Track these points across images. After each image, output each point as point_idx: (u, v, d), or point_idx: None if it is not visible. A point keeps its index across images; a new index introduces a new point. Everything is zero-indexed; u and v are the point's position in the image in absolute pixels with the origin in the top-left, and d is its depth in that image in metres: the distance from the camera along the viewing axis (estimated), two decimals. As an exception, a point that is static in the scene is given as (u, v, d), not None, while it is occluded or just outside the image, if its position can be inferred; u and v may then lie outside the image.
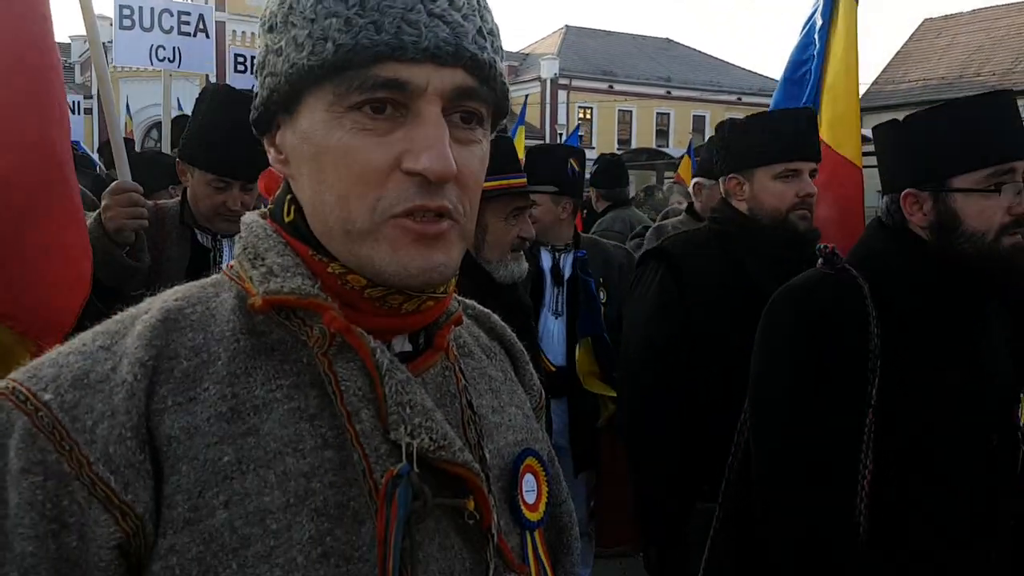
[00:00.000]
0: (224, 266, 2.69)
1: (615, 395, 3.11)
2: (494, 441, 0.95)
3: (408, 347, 0.90)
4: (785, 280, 2.00)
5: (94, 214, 2.43)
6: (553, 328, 3.57)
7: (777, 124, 2.63)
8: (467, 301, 1.11)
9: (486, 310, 1.13)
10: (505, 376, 1.06)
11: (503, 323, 1.14)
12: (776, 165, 2.54)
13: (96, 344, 0.79)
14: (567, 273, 3.58)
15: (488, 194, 1.80)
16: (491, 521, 0.86)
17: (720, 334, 2.49)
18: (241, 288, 0.86)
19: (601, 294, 3.52)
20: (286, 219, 0.88)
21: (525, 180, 2.61)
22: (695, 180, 4.77)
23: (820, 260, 1.84)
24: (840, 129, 3.54)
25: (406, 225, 0.79)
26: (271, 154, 0.90)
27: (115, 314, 0.85)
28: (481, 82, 0.83)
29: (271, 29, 0.85)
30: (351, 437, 0.80)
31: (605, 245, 3.79)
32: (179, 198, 2.74)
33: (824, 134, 3.39)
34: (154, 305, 0.84)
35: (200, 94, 2.73)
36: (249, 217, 0.91)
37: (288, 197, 0.88)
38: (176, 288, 0.89)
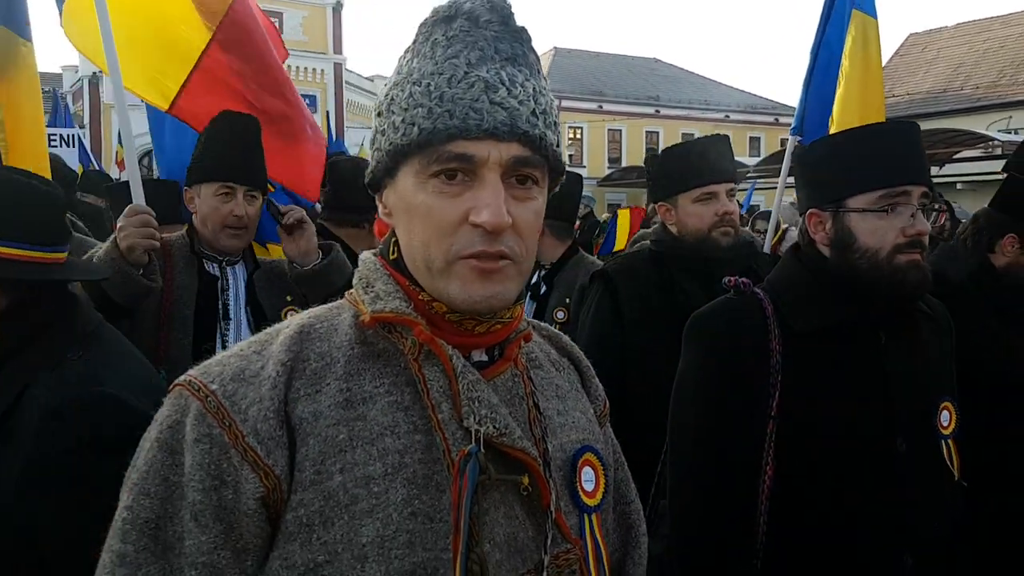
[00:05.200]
0: (231, 293, 2.80)
1: None
2: (557, 437, 1.16)
3: (484, 358, 1.13)
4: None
5: (110, 238, 2.58)
6: None
7: (691, 151, 2.87)
8: (541, 324, 1.35)
9: (557, 331, 1.37)
10: (571, 386, 1.28)
11: (572, 342, 1.37)
12: (699, 189, 2.79)
13: (250, 350, 1.05)
14: (542, 289, 3.81)
15: None
16: (549, 500, 1.07)
17: (653, 351, 2.67)
18: (356, 309, 1.11)
19: (560, 313, 3.66)
20: (391, 257, 1.13)
21: None
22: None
23: (731, 290, 1.95)
24: None
25: (472, 264, 1.02)
26: (380, 209, 1.15)
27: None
28: (534, 152, 1.05)
29: (379, 115, 1.11)
30: (434, 424, 1.02)
31: (585, 265, 3.87)
32: (183, 231, 2.84)
33: None
34: (292, 322, 1.11)
35: (209, 123, 2.88)
36: (365, 255, 1.17)
37: (393, 240, 1.14)
38: (309, 309, 1.15)
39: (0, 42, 2.37)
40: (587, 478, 1.16)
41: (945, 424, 1.86)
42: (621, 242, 7.21)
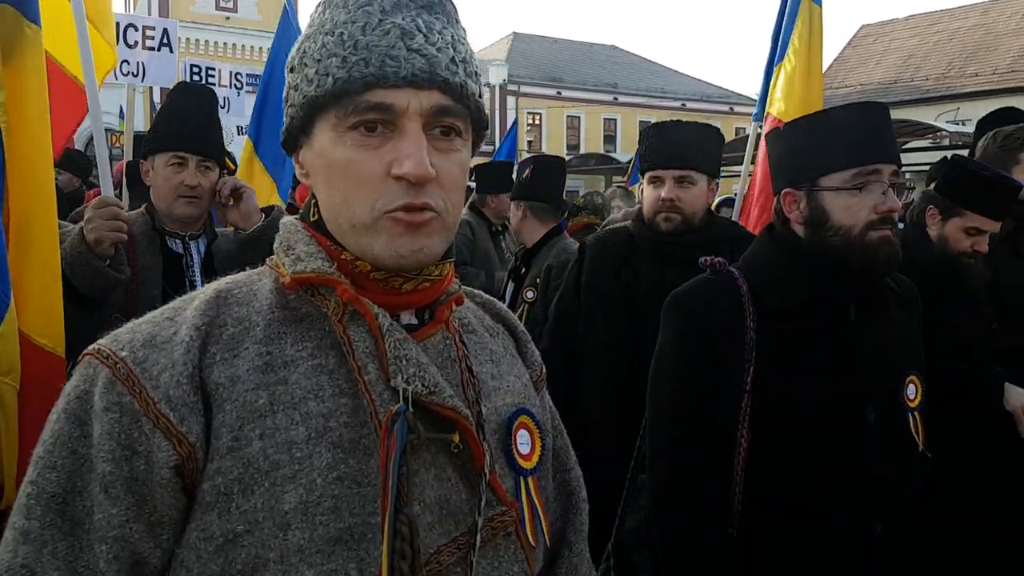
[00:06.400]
0: (196, 269, 2.79)
1: None
2: (492, 401, 1.13)
3: (414, 320, 1.10)
4: (668, 279, 2.32)
5: (76, 227, 2.53)
6: None
7: (652, 134, 2.93)
8: (473, 290, 1.31)
9: (491, 298, 1.34)
10: (506, 351, 1.25)
11: (507, 309, 1.34)
12: (649, 172, 2.88)
13: (163, 316, 1.01)
14: (522, 270, 3.95)
15: None
16: (483, 461, 1.04)
17: (602, 325, 2.86)
18: (277, 274, 1.07)
19: (529, 292, 3.72)
20: (311, 219, 1.10)
21: None
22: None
23: (707, 270, 2.00)
24: None
25: (397, 217, 0.99)
26: (297, 169, 1.11)
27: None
28: (455, 100, 1.02)
29: (292, 70, 1.06)
30: (361, 387, 0.99)
31: (557, 246, 3.94)
32: (141, 209, 2.80)
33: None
34: (209, 287, 1.06)
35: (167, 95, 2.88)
36: (286, 219, 1.13)
37: (313, 201, 1.10)
38: (229, 276, 1.10)
39: (6, 24, 2.29)
40: (522, 440, 1.14)
41: (911, 397, 1.94)
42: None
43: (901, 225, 3.21)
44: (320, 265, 1.02)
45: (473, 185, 9.91)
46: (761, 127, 4.29)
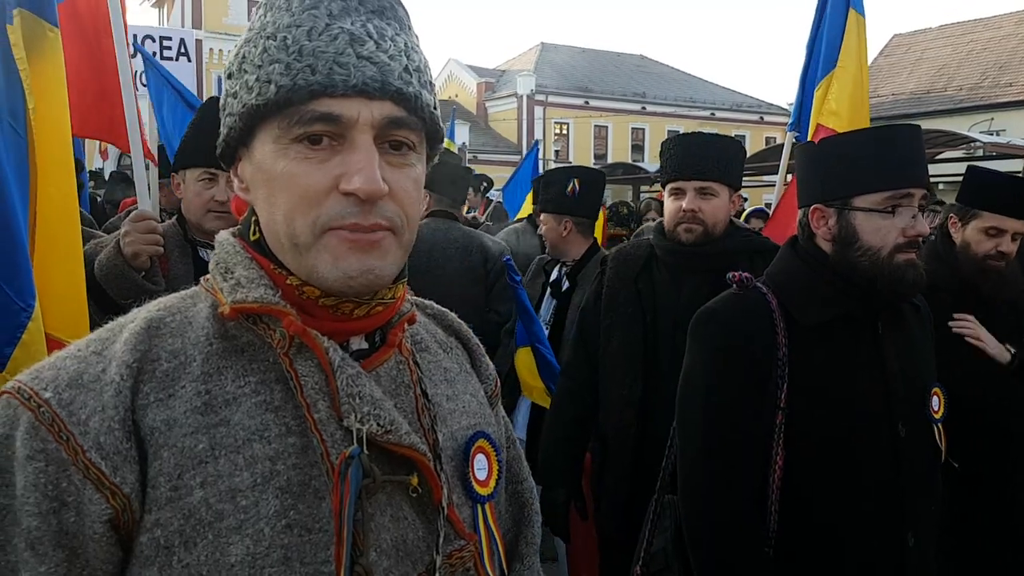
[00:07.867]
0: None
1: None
2: (448, 425, 1.08)
3: (364, 345, 1.02)
4: (685, 291, 2.39)
5: (112, 238, 2.58)
6: None
7: (672, 145, 2.91)
8: (425, 302, 1.24)
9: (443, 309, 1.25)
10: (460, 367, 1.18)
11: (459, 320, 1.26)
12: (670, 184, 2.84)
13: (89, 350, 0.91)
14: (565, 285, 3.86)
15: None
16: (441, 495, 0.99)
17: (614, 335, 2.85)
18: (214, 298, 0.98)
19: None
20: (252, 238, 1.01)
21: None
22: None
23: (733, 285, 1.98)
24: None
25: (343, 235, 0.91)
26: (235, 184, 1.03)
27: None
28: (409, 112, 0.95)
29: (230, 76, 0.99)
30: (311, 425, 0.92)
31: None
32: (172, 220, 2.83)
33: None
34: (139, 315, 0.97)
35: (198, 109, 2.89)
36: (222, 235, 1.04)
37: (253, 218, 1.01)
38: (158, 300, 1.00)
39: (26, 28, 2.28)
40: (480, 466, 1.08)
41: (936, 409, 1.95)
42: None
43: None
44: (263, 293, 0.94)
45: (494, 197, 9.87)
46: (797, 137, 4.23)
